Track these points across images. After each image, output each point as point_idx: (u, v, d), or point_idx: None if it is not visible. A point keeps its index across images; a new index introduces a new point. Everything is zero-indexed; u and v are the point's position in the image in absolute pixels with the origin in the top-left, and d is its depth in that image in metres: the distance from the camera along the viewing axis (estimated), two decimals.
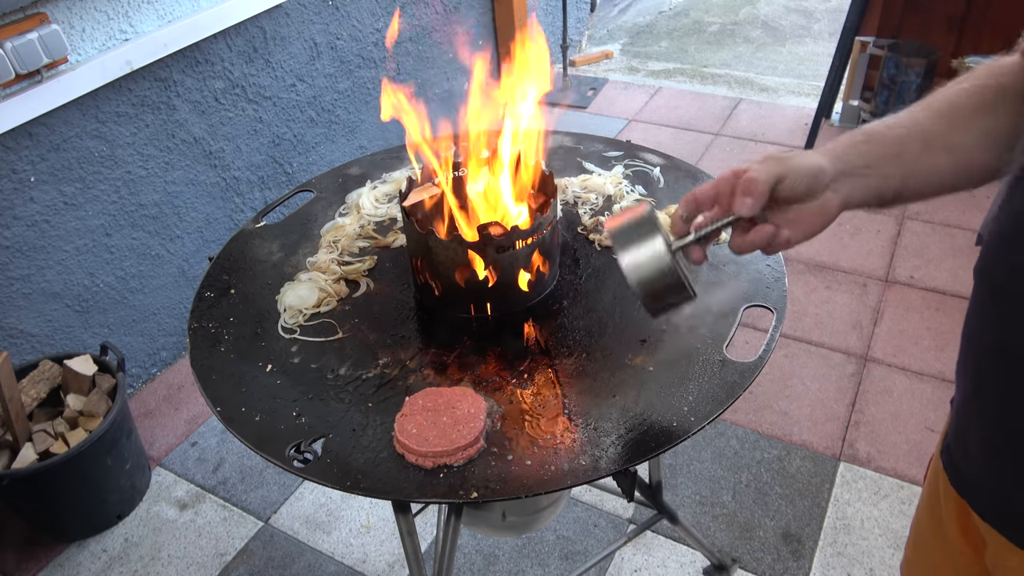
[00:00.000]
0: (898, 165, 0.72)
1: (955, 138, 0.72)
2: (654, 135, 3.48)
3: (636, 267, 0.78)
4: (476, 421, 0.91)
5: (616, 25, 4.83)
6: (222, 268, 1.26)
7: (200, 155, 2.27)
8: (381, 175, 1.48)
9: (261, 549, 1.87)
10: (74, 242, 1.99)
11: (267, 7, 2.29)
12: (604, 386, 0.98)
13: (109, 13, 1.92)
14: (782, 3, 4.96)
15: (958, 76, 0.77)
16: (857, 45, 3.13)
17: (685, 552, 1.78)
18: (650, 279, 0.78)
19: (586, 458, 0.88)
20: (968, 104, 0.73)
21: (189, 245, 2.33)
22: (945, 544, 0.85)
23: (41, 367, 1.84)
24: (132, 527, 1.94)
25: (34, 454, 1.71)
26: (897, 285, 2.53)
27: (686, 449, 2.02)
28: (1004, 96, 0.72)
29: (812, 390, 2.17)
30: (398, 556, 1.83)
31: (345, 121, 2.79)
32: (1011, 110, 0.72)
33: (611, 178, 1.41)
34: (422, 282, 1.13)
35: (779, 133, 3.42)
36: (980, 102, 0.73)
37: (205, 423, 2.21)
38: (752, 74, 4.06)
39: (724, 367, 0.99)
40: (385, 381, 1.02)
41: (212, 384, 1.03)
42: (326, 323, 1.13)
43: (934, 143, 0.72)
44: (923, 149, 0.72)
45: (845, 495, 1.88)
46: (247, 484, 2.03)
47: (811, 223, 0.73)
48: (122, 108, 2.01)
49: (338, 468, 0.89)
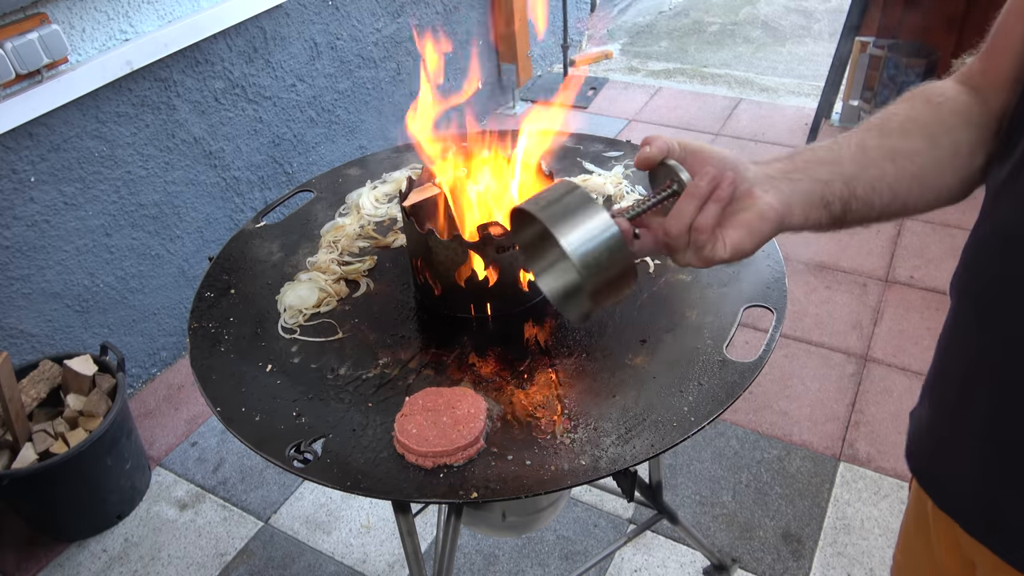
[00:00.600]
0: (835, 171, 0.66)
1: (894, 143, 0.68)
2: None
3: (580, 244, 0.62)
4: (476, 421, 0.91)
5: (616, 25, 4.83)
6: (222, 268, 1.26)
7: (200, 155, 2.27)
8: (381, 175, 1.48)
9: (261, 549, 1.87)
10: (74, 242, 1.99)
11: (267, 7, 2.29)
12: (604, 386, 0.98)
13: (109, 13, 1.92)
14: (782, 3, 4.97)
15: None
16: (857, 45, 3.13)
17: (685, 552, 1.78)
18: (599, 257, 0.63)
19: (586, 458, 0.88)
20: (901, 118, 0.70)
21: (189, 245, 2.33)
22: (934, 566, 0.83)
23: (41, 367, 1.84)
24: (132, 527, 1.94)
25: (34, 454, 1.71)
26: (897, 285, 2.53)
27: (686, 449, 2.02)
28: (941, 117, 0.70)
29: (812, 390, 2.17)
30: (398, 556, 1.83)
31: (345, 121, 2.80)
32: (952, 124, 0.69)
33: (611, 178, 1.41)
34: (422, 282, 1.13)
35: (779, 133, 3.42)
36: (912, 118, 0.70)
37: (205, 423, 2.21)
38: (752, 74, 4.06)
39: (724, 367, 0.99)
40: (385, 381, 1.02)
41: (212, 384, 1.03)
42: (326, 323, 1.13)
43: (873, 152, 0.68)
44: (861, 156, 0.67)
45: (845, 495, 1.88)
46: (247, 484, 2.03)
47: (748, 221, 0.64)
48: (122, 108, 2.01)
49: (338, 468, 0.89)
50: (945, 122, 0.70)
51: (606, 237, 0.63)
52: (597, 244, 0.63)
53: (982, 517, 0.72)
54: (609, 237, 0.63)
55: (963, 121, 0.70)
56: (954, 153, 0.69)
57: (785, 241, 2.93)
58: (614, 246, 0.63)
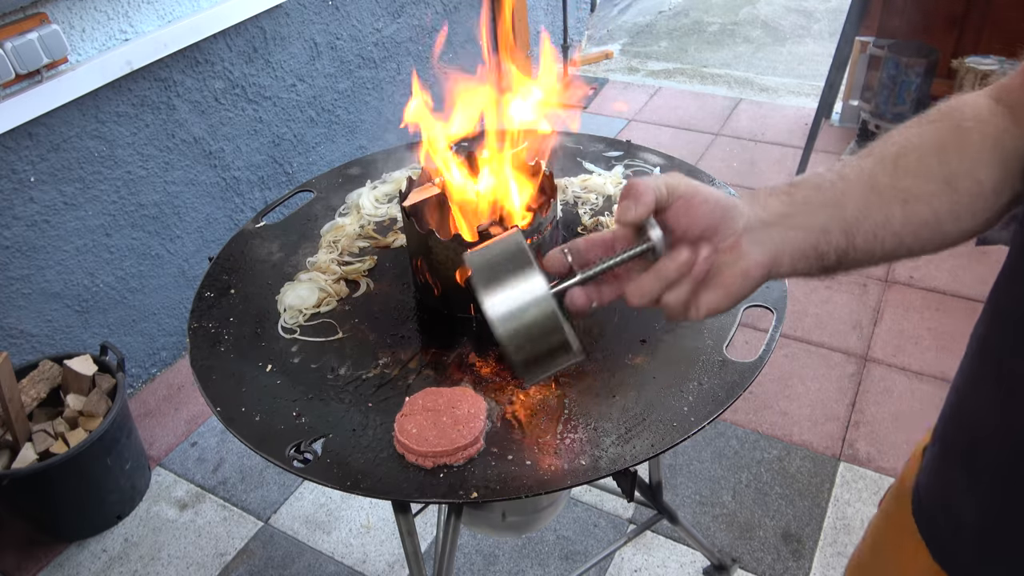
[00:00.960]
0: (835, 216, 0.59)
1: (908, 184, 0.60)
2: (654, 135, 3.48)
3: (507, 315, 0.57)
4: (476, 421, 0.91)
5: (616, 25, 4.83)
6: (222, 268, 1.26)
7: (200, 155, 2.27)
8: (381, 175, 1.48)
9: (261, 549, 1.87)
10: (74, 242, 1.99)
11: (267, 7, 2.29)
12: (604, 386, 0.98)
13: (109, 13, 1.92)
14: (782, 3, 4.96)
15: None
16: (857, 45, 3.13)
17: (685, 552, 1.78)
18: (525, 330, 0.58)
19: (586, 458, 0.88)
20: (922, 151, 0.61)
21: (189, 245, 2.33)
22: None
23: (41, 367, 1.84)
24: (132, 527, 1.94)
25: (34, 454, 1.71)
26: (897, 285, 2.53)
27: (686, 449, 2.02)
28: (968, 149, 0.60)
29: (812, 390, 2.17)
30: (398, 556, 1.83)
31: (345, 121, 2.80)
32: (978, 160, 0.60)
33: (611, 178, 1.41)
34: (422, 282, 1.13)
35: (779, 133, 3.42)
36: (933, 151, 0.61)
37: (205, 423, 2.21)
38: (752, 74, 4.06)
39: (724, 367, 0.99)
40: (385, 381, 1.02)
41: (212, 384, 1.03)
42: (326, 323, 1.13)
43: (884, 191, 0.59)
44: (868, 196, 0.59)
45: (845, 495, 1.88)
46: (247, 484, 2.03)
47: (729, 282, 0.58)
48: (122, 108, 2.01)
49: (338, 468, 0.89)
50: (971, 156, 0.61)
51: (538, 311, 0.57)
52: (526, 317, 0.57)
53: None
54: (540, 312, 0.57)
55: (993, 153, 0.61)
56: (977, 194, 0.60)
57: None
58: (545, 322, 0.57)
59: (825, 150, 3.24)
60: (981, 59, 2.79)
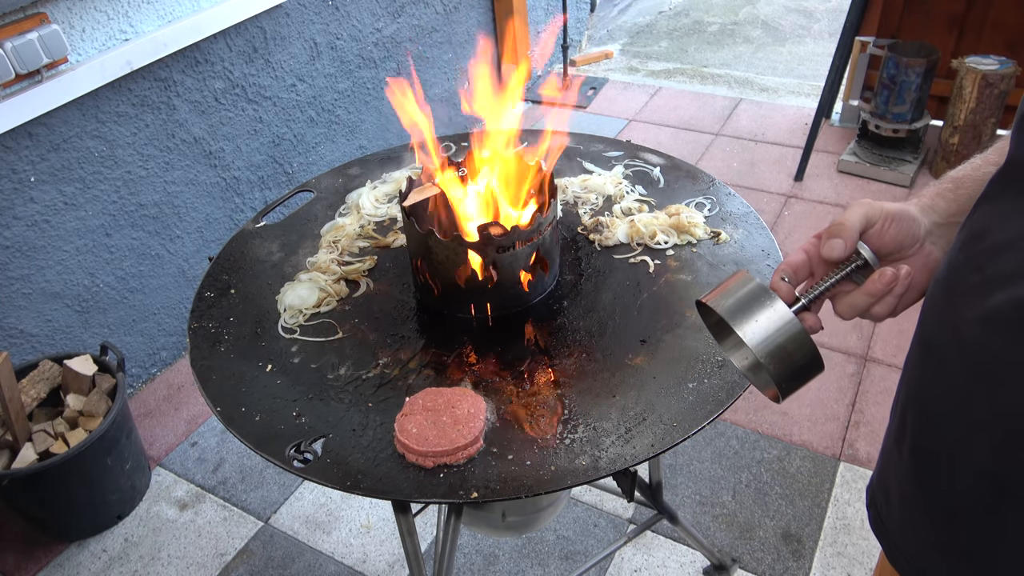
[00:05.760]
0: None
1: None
2: (654, 135, 3.48)
3: (765, 338, 0.65)
4: (476, 421, 0.91)
5: (616, 25, 4.83)
6: (222, 268, 1.26)
7: (200, 155, 2.27)
8: (381, 175, 1.48)
9: (261, 549, 1.87)
10: (74, 242, 1.99)
11: (267, 7, 2.29)
12: (604, 386, 0.98)
13: (109, 13, 1.92)
14: (782, 3, 4.96)
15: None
16: (857, 45, 3.13)
17: (685, 552, 1.78)
18: (783, 349, 0.66)
19: (586, 458, 0.88)
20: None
21: (189, 245, 2.33)
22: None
23: (41, 367, 1.84)
24: (132, 527, 1.94)
25: (34, 454, 1.71)
26: None
27: (686, 449, 2.02)
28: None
29: (812, 390, 2.17)
30: (398, 556, 1.83)
31: (345, 121, 2.80)
32: None
33: (611, 178, 1.41)
34: (422, 282, 1.13)
35: (779, 133, 3.42)
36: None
37: (205, 423, 2.21)
38: (752, 74, 4.06)
39: (724, 367, 0.99)
40: (385, 381, 1.02)
41: (212, 384, 1.03)
42: (326, 323, 1.13)
43: None
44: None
45: (845, 495, 1.88)
46: (247, 484, 2.03)
47: (918, 278, 0.66)
48: (122, 108, 2.01)
49: (338, 468, 0.89)
50: None
51: (788, 331, 0.66)
52: (780, 338, 0.66)
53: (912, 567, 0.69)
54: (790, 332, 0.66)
55: None
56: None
57: (785, 241, 2.92)
58: (797, 338, 0.66)
59: (825, 150, 3.24)
60: (981, 59, 2.79)
